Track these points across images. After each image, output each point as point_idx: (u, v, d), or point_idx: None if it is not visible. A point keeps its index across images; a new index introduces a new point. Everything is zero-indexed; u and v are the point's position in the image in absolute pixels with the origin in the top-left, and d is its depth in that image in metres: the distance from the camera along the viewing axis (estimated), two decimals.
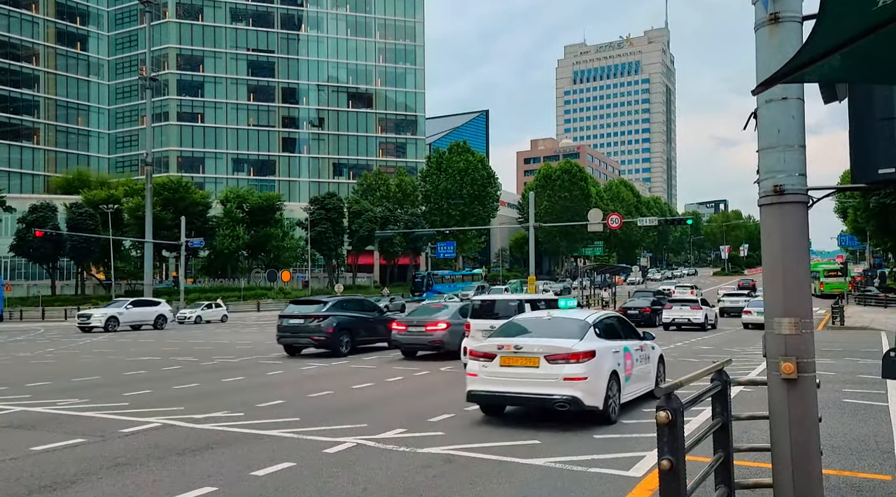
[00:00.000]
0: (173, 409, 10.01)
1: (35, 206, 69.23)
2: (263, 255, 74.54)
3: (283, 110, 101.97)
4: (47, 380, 14.14)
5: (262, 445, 7.58)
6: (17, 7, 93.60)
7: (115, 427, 8.76)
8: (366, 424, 8.68)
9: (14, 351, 22.76)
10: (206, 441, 7.87)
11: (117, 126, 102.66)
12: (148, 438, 8.09)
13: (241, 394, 11.74)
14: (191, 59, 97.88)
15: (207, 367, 16.40)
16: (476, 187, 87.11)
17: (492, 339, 9.21)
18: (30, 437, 8.21)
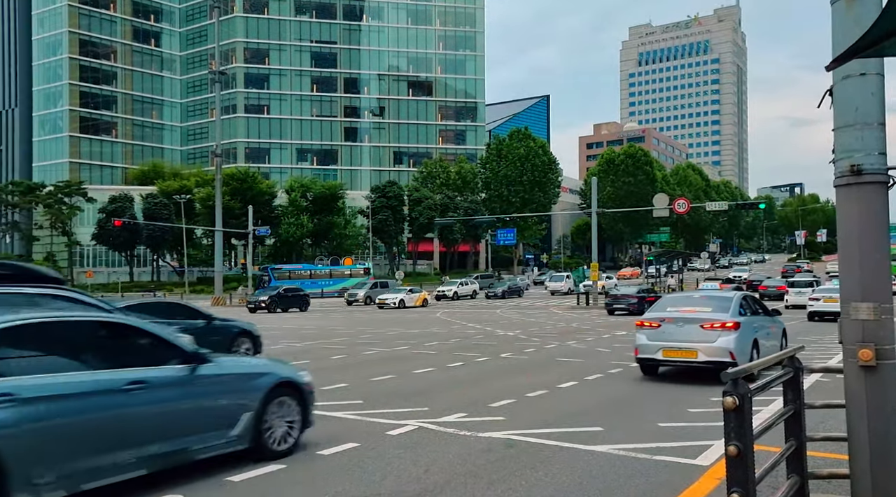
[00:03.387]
0: None
1: (114, 197, 72.74)
2: (326, 242, 76.08)
3: (344, 100, 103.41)
4: None
5: (327, 426, 7.78)
6: (96, 7, 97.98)
7: None
8: (427, 408, 8.79)
9: None
10: None
11: (189, 119, 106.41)
12: None
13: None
14: (257, 53, 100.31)
15: (277, 350, 16.91)
16: (537, 173, 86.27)
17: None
18: None
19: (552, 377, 11.50)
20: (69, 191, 75.73)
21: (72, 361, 5.25)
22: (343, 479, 5.73)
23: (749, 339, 10.90)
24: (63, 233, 75.97)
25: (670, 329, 11.05)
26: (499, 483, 5.57)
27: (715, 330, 10.63)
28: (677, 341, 10.90)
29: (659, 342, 11.04)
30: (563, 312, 33.34)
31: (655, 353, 11.12)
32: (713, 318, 10.78)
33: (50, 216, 75.15)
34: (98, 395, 5.01)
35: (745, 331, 10.83)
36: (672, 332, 11.02)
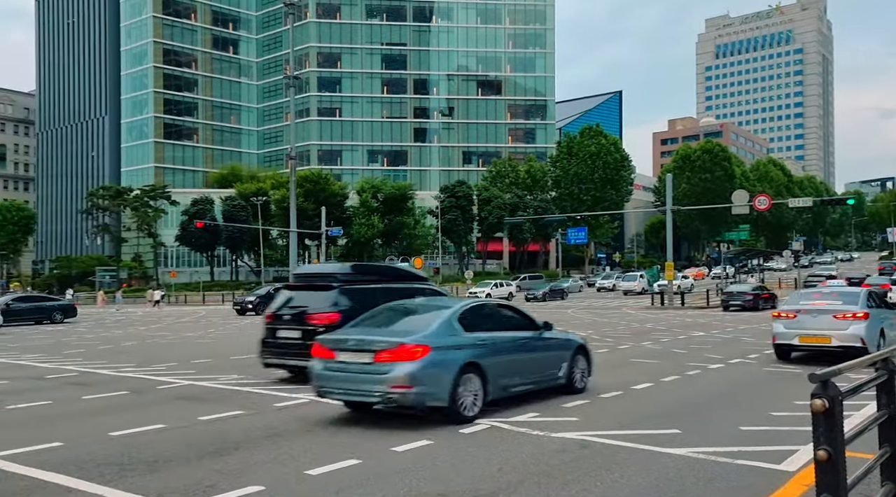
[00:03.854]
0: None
1: (196, 200, 75.96)
2: (397, 242, 77.00)
3: (414, 101, 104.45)
4: (209, 357, 15.55)
5: (400, 423, 7.89)
6: (178, 17, 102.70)
7: (269, 401, 9.48)
8: (499, 407, 8.78)
9: (181, 331, 25.20)
10: (349, 417, 8.32)
11: (264, 123, 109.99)
12: (297, 412, 8.68)
13: None
14: (329, 57, 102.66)
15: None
16: (609, 171, 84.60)
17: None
18: (197, 408, 9.09)
19: (626, 378, 11.27)
20: (154, 194, 79.71)
21: (495, 326, 9.11)
22: (416, 475, 5.80)
23: (877, 328, 12.75)
24: (149, 234, 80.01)
25: (805, 319, 12.91)
26: (573, 484, 5.51)
27: (847, 319, 12.47)
28: (812, 329, 12.77)
29: (795, 330, 12.90)
30: (637, 313, 32.61)
31: (792, 340, 12.98)
32: (845, 310, 12.61)
33: (137, 219, 79.27)
34: (512, 345, 8.97)
35: (874, 321, 12.69)
36: (807, 321, 12.88)
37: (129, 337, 22.94)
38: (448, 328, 8.23)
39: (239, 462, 6.23)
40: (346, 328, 8.91)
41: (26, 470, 5.98)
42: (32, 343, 21.14)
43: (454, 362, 7.83)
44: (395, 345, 7.68)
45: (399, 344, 7.68)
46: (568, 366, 9.64)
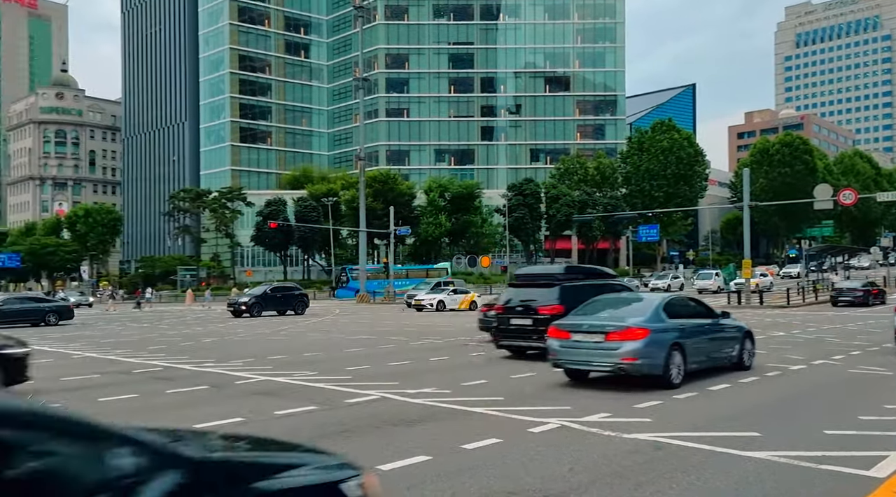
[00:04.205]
0: (389, 384, 10.81)
1: (269, 201, 78.38)
2: (464, 241, 77.17)
3: (481, 100, 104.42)
4: (283, 354, 16.03)
5: (469, 421, 7.93)
6: (253, 24, 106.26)
7: (341, 397, 9.69)
8: (569, 407, 8.69)
9: (256, 328, 26.07)
10: (418, 414, 8.41)
11: (334, 125, 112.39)
12: (368, 409, 8.84)
13: (448, 373, 12.34)
14: (397, 58, 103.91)
15: (416, 346, 17.46)
16: (682, 166, 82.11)
17: None
18: (273, 403, 9.39)
19: (701, 380, 10.93)
20: (231, 196, 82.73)
21: (687, 314, 11.30)
22: (486, 473, 5.81)
23: None
24: (226, 235, 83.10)
25: None
26: (647, 485, 5.39)
27: None
28: None
29: None
30: None
31: None
32: None
33: (215, 220, 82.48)
34: (700, 329, 11.14)
35: None
36: None
37: (209, 334, 23.92)
38: (658, 315, 10.51)
39: None
40: (572, 316, 11.26)
41: None
42: (121, 339, 22.33)
43: (665, 342, 10.12)
44: (623, 328, 10.04)
45: (626, 327, 10.03)
46: (739, 347, 11.93)
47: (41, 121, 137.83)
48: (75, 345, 19.82)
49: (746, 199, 36.11)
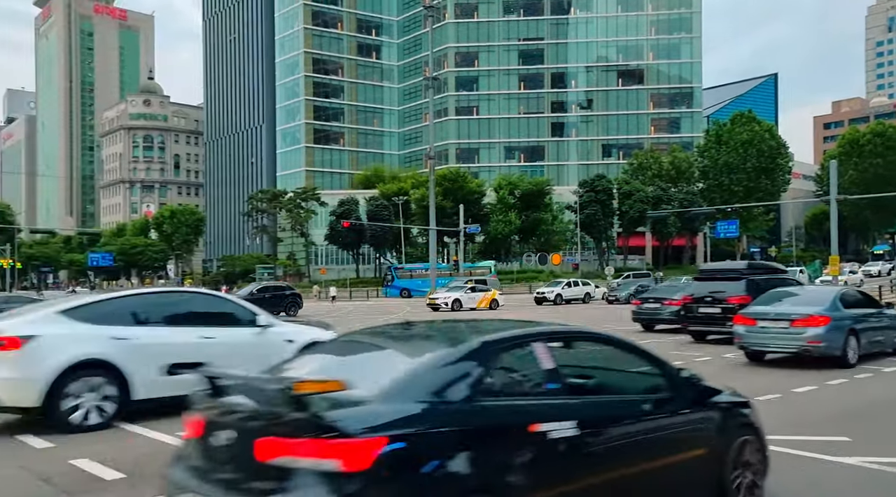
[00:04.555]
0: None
1: (342, 201, 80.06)
2: (534, 238, 76.52)
3: (551, 96, 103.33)
4: None
5: None
6: (326, 27, 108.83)
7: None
8: None
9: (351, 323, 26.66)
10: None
11: (405, 125, 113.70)
12: None
13: None
14: (467, 56, 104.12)
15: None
16: (763, 159, 78.71)
17: None
18: None
19: (786, 380, 10.44)
20: (306, 196, 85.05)
21: (855, 304, 12.83)
22: None
23: None
24: (301, 234, 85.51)
25: None
26: None
27: None
28: None
29: None
30: None
31: None
32: None
33: (291, 219, 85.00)
34: (868, 317, 12.68)
35: None
36: None
37: None
38: (836, 305, 12.03)
39: None
40: (755, 305, 12.96)
41: None
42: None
43: (843, 328, 11.72)
44: (808, 316, 11.67)
45: (811, 315, 11.66)
46: None
47: (130, 127, 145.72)
48: None
49: (833, 193, 34.25)
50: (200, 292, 10.09)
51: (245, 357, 7.66)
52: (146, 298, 8.68)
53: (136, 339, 7.80)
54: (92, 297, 8.38)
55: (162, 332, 8.13)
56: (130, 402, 7.79)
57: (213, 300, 9.26)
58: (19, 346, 7.16)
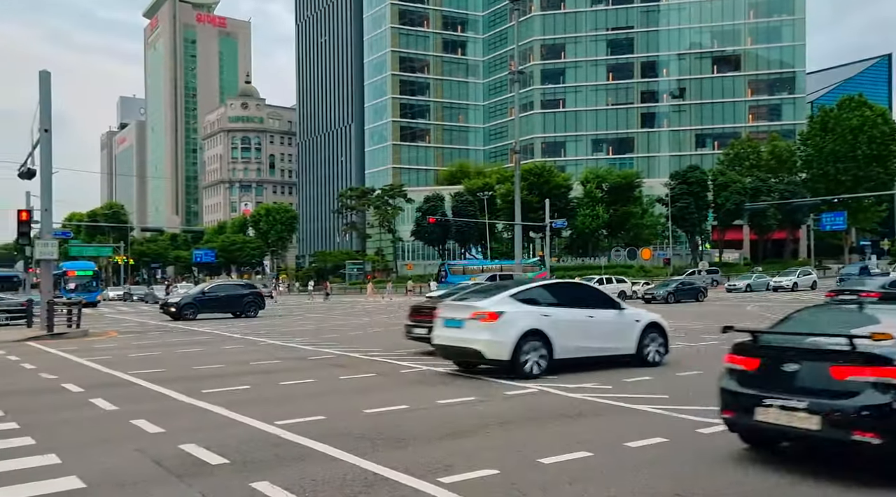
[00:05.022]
0: (550, 377, 10.73)
1: (428, 197, 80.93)
2: (623, 233, 74.72)
3: (641, 86, 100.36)
4: None
5: (631, 418, 7.65)
6: (412, 26, 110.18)
7: (500, 390, 9.77)
8: None
9: None
10: (577, 409, 8.27)
11: (490, 120, 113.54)
12: (526, 402, 8.83)
13: (610, 368, 12.00)
14: (553, 48, 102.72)
15: None
16: (874, 147, 73.15)
17: None
18: (435, 392, 9.70)
19: None
20: (392, 193, 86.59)
21: None
22: (651, 472, 5.57)
23: None
24: (388, 230, 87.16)
25: None
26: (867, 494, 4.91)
27: None
28: None
29: None
30: None
31: None
32: None
33: (378, 216, 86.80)
34: None
35: None
36: None
37: (375, 324, 25.22)
38: None
39: (473, 445, 6.51)
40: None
41: (298, 438, 6.86)
42: (299, 328, 24.19)
43: None
44: None
45: None
46: None
47: (229, 129, 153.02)
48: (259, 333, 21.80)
49: None
50: (583, 284, 13.45)
51: (611, 329, 11.53)
52: (554, 287, 12.21)
53: (555, 316, 10.90)
54: (525, 286, 11.64)
55: (567, 311, 11.15)
56: (554, 361, 10.74)
57: (592, 290, 12.56)
58: (496, 318, 10.43)
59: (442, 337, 11.23)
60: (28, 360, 14.56)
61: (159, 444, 6.70)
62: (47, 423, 7.78)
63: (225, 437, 6.99)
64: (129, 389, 10.39)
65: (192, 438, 6.86)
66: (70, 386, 10.72)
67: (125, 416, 8.19)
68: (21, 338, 19.82)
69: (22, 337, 20.04)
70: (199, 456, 6.21)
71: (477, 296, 11.70)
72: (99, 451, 6.51)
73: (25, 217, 23.68)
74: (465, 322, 10.72)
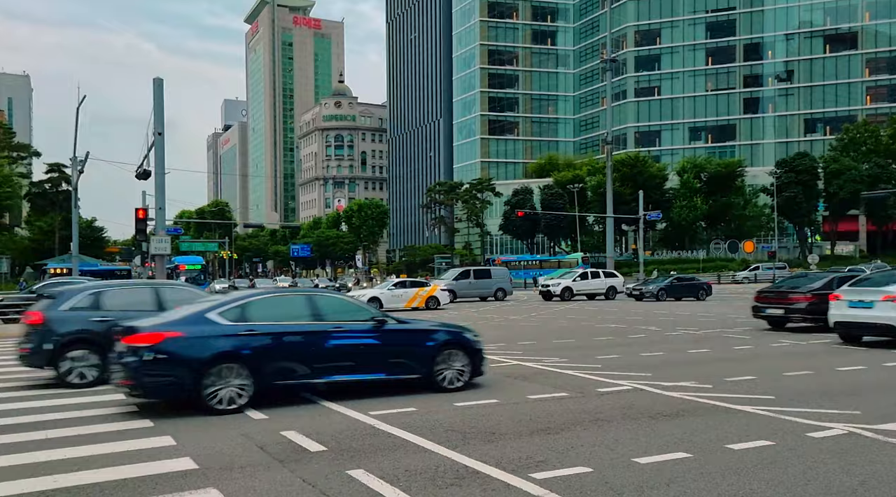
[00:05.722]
0: (641, 375, 10.43)
1: (516, 190, 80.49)
2: (723, 224, 71.56)
3: (744, 69, 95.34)
4: (533, 339, 16.35)
5: (733, 419, 7.31)
6: (501, 18, 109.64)
7: (592, 386, 9.58)
8: (858, 411, 7.57)
9: (506, 314, 26.98)
10: (675, 408, 7.98)
11: (580, 111, 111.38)
12: (621, 399, 8.61)
13: (708, 366, 11.53)
14: (647, 34, 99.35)
15: (671, 337, 16.61)
16: None
17: None
18: (525, 387, 9.62)
19: None
20: (481, 187, 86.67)
21: None
22: (755, 476, 5.30)
23: None
24: (476, 224, 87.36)
25: None
26: None
27: None
28: None
29: None
30: None
31: None
32: None
33: (467, 210, 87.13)
34: None
35: None
36: None
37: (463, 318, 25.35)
38: None
39: (566, 442, 6.42)
40: None
41: (391, 429, 7.01)
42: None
43: None
44: None
45: None
46: None
47: (324, 128, 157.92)
48: None
49: None
50: None
51: None
52: None
53: None
54: None
55: None
56: None
57: None
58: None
59: (847, 316, 13.80)
60: None
61: (263, 430, 7.03)
62: (162, 407, 8.33)
63: (322, 425, 7.24)
64: None
65: (292, 426, 7.15)
66: None
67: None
68: None
69: None
70: (300, 443, 6.47)
71: (875, 284, 13.92)
72: (208, 434, 6.90)
73: (142, 215, 25.40)
74: (876, 303, 13.14)
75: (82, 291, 10.79)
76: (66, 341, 10.07)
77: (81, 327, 10.19)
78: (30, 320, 10.52)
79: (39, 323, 10.22)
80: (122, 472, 5.59)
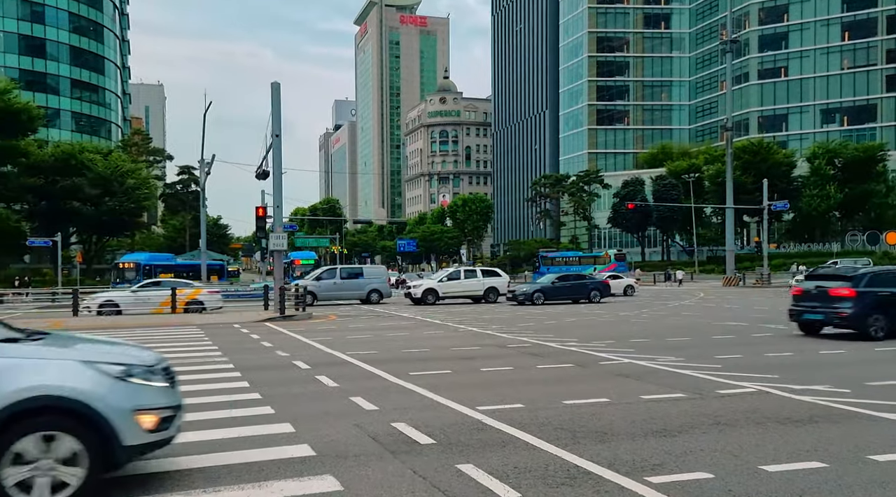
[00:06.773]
0: (767, 376, 9.78)
1: (626, 182, 78.08)
2: (861, 214, 66.04)
3: (887, 44, 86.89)
4: (646, 337, 15.75)
5: (877, 428, 6.68)
6: (611, 3, 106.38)
7: (711, 387, 9.07)
8: None
9: (618, 310, 26.24)
10: (807, 413, 7.40)
11: (697, 96, 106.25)
12: (744, 402, 8.10)
13: (843, 368, 10.64)
14: (773, 11, 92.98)
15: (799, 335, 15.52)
16: None
17: None
18: (638, 387, 9.25)
19: None
20: (588, 179, 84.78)
21: None
22: None
23: None
24: (584, 217, 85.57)
25: None
26: None
27: None
28: None
29: None
30: None
31: None
32: None
33: (573, 203, 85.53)
34: None
35: None
36: None
37: (568, 313, 24.89)
38: None
39: (684, 445, 6.10)
40: None
41: (499, 424, 6.95)
42: (494, 316, 24.64)
43: None
44: None
45: None
46: None
47: (429, 124, 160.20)
48: (459, 320, 22.56)
49: None
50: None
51: None
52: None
53: None
54: None
55: None
56: None
57: None
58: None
59: None
60: (266, 339, 16.46)
61: (374, 421, 7.19)
62: (282, 395, 8.71)
63: (431, 418, 7.30)
64: (347, 368, 11.29)
65: (403, 417, 7.26)
66: (299, 363, 11.93)
67: (345, 393, 8.90)
68: (259, 319, 22.50)
69: (259, 318, 22.75)
70: (410, 435, 6.55)
71: None
72: (324, 423, 7.15)
73: (262, 213, 26.80)
74: None
75: None
76: None
77: None
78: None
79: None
80: (248, 455, 5.89)
